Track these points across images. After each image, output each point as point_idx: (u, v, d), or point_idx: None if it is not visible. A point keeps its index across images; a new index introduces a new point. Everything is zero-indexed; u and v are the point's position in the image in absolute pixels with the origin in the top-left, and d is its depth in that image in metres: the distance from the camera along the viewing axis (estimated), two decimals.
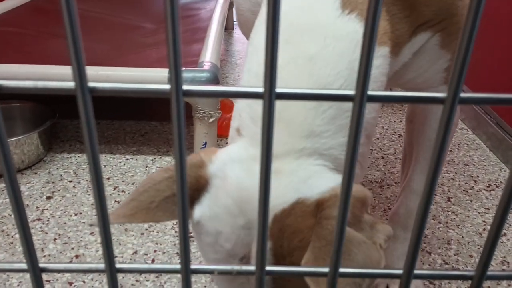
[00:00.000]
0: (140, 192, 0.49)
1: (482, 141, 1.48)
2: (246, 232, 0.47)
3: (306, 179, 0.47)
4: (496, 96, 0.22)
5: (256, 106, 0.52)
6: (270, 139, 0.22)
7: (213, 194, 0.49)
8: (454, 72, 0.20)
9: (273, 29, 0.19)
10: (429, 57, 0.64)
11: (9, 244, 1.00)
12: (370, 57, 0.20)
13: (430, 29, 0.60)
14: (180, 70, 0.20)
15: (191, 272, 0.26)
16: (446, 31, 0.61)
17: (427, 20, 0.59)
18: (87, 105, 0.21)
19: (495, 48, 1.43)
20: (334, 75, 0.50)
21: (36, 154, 1.28)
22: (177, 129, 0.21)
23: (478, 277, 0.27)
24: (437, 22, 0.60)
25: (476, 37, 0.19)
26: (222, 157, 0.50)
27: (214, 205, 0.48)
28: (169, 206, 0.49)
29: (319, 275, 0.27)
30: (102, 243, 0.25)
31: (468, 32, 0.19)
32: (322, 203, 0.45)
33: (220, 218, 0.48)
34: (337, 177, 0.48)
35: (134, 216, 0.47)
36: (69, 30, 0.19)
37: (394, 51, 0.57)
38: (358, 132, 0.22)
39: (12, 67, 1.17)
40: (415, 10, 0.57)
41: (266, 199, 0.24)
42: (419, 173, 0.77)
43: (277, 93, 0.21)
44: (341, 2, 0.52)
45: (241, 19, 0.86)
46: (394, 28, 0.56)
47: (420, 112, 0.73)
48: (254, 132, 0.51)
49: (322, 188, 0.46)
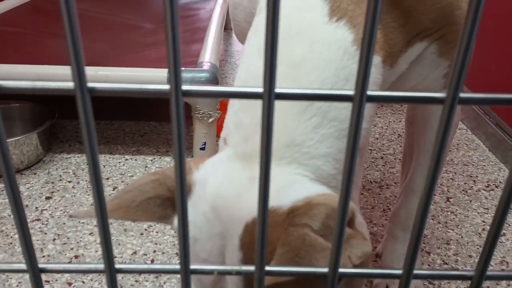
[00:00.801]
0: (126, 191, 0.49)
1: (481, 141, 1.48)
2: (221, 240, 0.46)
3: (282, 188, 0.46)
4: (495, 97, 0.22)
5: (241, 114, 0.51)
6: (269, 140, 0.22)
7: (194, 201, 0.49)
8: (453, 72, 0.20)
9: (273, 30, 0.19)
10: (427, 65, 0.63)
11: (8, 244, 1.00)
12: (370, 56, 0.20)
13: (427, 38, 0.59)
14: (179, 70, 0.20)
15: (190, 272, 0.26)
16: (444, 39, 0.60)
17: (424, 29, 0.58)
18: (86, 106, 0.21)
19: (494, 48, 1.43)
20: (319, 82, 0.49)
21: (36, 155, 1.28)
22: (177, 129, 0.21)
23: (478, 277, 0.27)
24: (434, 30, 0.59)
25: (475, 37, 0.19)
26: (207, 165, 0.50)
27: (192, 212, 0.48)
28: (150, 207, 0.49)
29: (318, 275, 0.27)
30: (102, 243, 0.25)
31: (467, 32, 0.19)
32: (293, 211, 0.43)
33: (197, 226, 0.48)
34: (315, 187, 0.47)
35: (114, 212, 0.47)
36: (69, 30, 0.19)
37: (388, 61, 0.55)
38: (358, 134, 0.22)
39: (11, 67, 1.16)
40: (411, 18, 0.56)
41: (266, 201, 0.24)
42: (419, 174, 0.77)
43: (277, 93, 0.21)
44: (329, 9, 0.52)
45: (238, 29, 0.86)
46: (387, 38, 0.54)
47: (420, 114, 0.73)
48: (237, 140, 0.50)
49: (297, 197, 0.45)
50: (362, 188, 1.23)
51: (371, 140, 1.48)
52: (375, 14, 0.19)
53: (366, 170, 1.31)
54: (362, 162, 0.55)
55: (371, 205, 1.15)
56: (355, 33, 0.51)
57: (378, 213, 1.12)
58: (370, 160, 1.37)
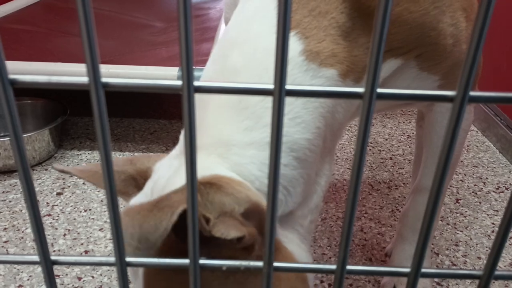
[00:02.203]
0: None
1: (491, 143, 1.47)
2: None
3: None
4: (505, 95, 0.22)
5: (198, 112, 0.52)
6: (279, 136, 0.22)
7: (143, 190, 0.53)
8: (463, 70, 0.20)
9: (284, 28, 0.20)
10: (412, 79, 0.62)
11: (20, 239, 1.01)
12: (380, 56, 0.20)
13: (402, 56, 0.58)
14: (191, 65, 0.20)
15: (200, 266, 0.26)
16: (422, 57, 0.59)
17: (395, 48, 0.57)
18: (100, 100, 0.21)
19: (505, 46, 1.42)
20: None
21: (47, 151, 1.29)
22: (189, 125, 0.22)
23: (486, 276, 0.27)
24: (408, 50, 0.58)
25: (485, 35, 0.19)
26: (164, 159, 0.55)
27: (136, 198, 0.52)
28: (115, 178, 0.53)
29: (326, 272, 0.27)
30: (113, 236, 0.26)
31: (478, 30, 0.19)
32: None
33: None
34: (219, 171, 0.47)
35: (82, 172, 0.53)
36: (84, 25, 0.20)
37: (351, 76, 0.55)
38: (367, 130, 0.22)
39: (24, 64, 1.18)
40: None
41: (275, 197, 0.24)
42: (427, 177, 0.77)
43: (287, 90, 0.22)
44: None
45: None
46: (351, 54, 0.54)
47: (428, 118, 0.73)
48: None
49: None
50: (371, 188, 1.22)
51: (380, 141, 1.48)
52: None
53: (375, 171, 1.31)
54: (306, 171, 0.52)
55: (380, 206, 1.15)
56: (305, 44, 0.52)
57: (386, 213, 1.12)
58: (379, 161, 1.36)
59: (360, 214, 1.11)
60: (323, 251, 1.00)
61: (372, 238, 1.03)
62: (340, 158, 1.37)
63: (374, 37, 0.19)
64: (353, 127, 1.57)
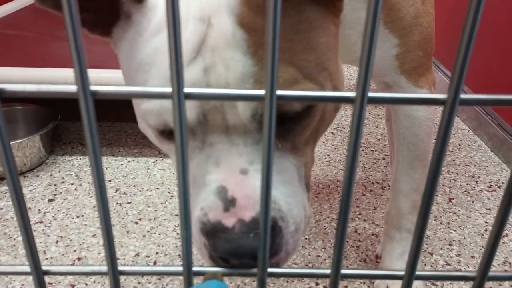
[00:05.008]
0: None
1: (483, 141, 1.48)
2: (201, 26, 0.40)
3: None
4: (496, 97, 0.22)
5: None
6: (271, 140, 0.22)
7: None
8: (454, 73, 0.20)
9: (273, 34, 0.20)
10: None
11: (12, 246, 1.00)
12: (371, 60, 0.20)
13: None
14: (181, 72, 0.20)
15: (193, 274, 0.26)
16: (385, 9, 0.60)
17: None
18: (89, 109, 0.21)
19: (495, 47, 1.43)
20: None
21: (38, 157, 1.28)
22: (179, 130, 0.22)
23: (480, 277, 0.27)
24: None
25: (475, 37, 0.19)
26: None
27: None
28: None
29: (320, 276, 0.27)
30: (105, 245, 0.25)
31: (468, 32, 0.19)
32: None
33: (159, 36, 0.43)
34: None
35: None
36: (71, 33, 0.19)
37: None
38: (359, 133, 0.22)
39: (13, 70, 1.17)
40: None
41: (268, 200, 0.24)
42: (401, 173, 0.76)
43: (278, 95, 0.21)
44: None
45: None
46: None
47: (395, 110, 0.72)
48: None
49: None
50: (365, 188, 1.23)
51: (372, 141, 1.48)
52: (375, 17, 0.19)
53: (368, 171, 1.31)
54: None
55: (373, 206, 1.15)
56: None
57: (380, 214, 1.12)
58: (372, 161, 1.37)
59: (354, 215, 1.11)
60: (317, 253, 1.00)
61: (367, 239, 1.03)
62: (333, 159, 1.37)
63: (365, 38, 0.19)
64: (345, 128, 1.58)
